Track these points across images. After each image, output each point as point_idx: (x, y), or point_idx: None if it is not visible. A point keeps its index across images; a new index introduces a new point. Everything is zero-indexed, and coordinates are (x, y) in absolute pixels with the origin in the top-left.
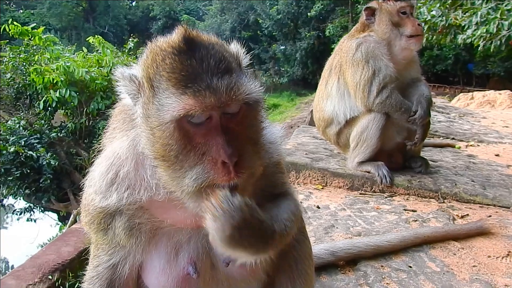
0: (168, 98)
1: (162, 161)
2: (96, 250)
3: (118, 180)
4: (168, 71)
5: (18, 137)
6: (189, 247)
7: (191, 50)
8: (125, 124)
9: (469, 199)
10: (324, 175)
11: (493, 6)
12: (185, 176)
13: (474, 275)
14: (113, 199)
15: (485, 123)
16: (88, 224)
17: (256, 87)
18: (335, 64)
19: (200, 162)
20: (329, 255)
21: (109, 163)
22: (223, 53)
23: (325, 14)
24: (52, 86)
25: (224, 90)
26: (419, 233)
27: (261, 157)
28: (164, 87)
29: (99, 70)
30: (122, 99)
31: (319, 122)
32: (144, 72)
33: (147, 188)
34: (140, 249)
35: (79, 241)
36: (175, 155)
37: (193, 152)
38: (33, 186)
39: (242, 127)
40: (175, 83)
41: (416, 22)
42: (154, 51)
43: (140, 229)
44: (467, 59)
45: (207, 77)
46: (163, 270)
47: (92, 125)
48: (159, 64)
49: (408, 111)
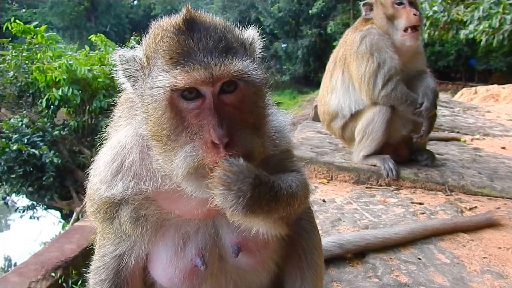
0: (160, 75)
1: (156, 141)
2: (102, 240)
3: (123, 170)
4: (164, 49)
5: (21, 135)
6: (197, 238)
7: (190, 30)
8: (130, 112)
9: (476, 191)
10: (329, 169)
11: (495, 1)
12: (176, 156)
13: (485, 267)
14: (118, 189)
15: (490, 116)
16: (94, 214)
17: (255, 68)
18: (339, 57)
19: (191, 141)
20: (337, 248)
21: (114, 152)
22: (225, 34)
23: (326, 11)
24: (54, 84)
25: (215, 64)
26: (427, 225)
27: (263, 145)
28: (159, 65)
29: (102, 68)
30: (125, 87)
31: (324, 116)
32: (144, 51)
33: (152, 178)
34: (146, 239)
35: (82, 238)
36: (167, 135)
37: (185, 132)
38: (36, 184)
39: (240, 111)
40: (168, 60)
41: (411, 12)
42: (155, 31)
43: (147, 219)
44: (469, 54)
45: (202, 54)
46: (170, 261)
47: (94, 123)
48: (158, 43)
49: (414, 103)
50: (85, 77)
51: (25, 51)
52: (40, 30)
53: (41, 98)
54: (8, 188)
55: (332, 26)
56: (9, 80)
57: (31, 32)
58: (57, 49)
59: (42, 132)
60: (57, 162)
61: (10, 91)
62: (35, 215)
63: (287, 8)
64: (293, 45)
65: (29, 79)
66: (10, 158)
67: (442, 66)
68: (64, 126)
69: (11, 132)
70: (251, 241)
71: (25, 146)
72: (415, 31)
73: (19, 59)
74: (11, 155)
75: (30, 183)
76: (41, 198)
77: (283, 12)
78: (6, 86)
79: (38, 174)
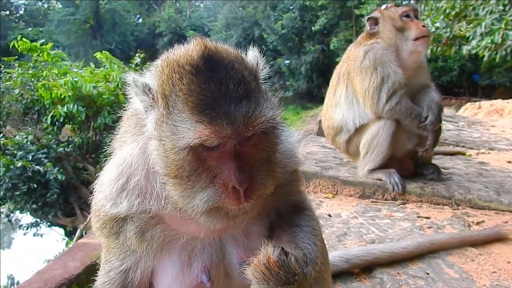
0: (184, 123)
1: (173, 179)
2: (107, 255)
3: (128, 188)
4: (185, 93)
5: (25, 151)
6: (203, 254)
7: (210, 70)
8: (136, 128)
9: (483, 205)
10: (334, 184)
11: (497, 17)
12: (195, 197)
13: (495, 281)
14: (123, 206)
15: (495, 131)
16: (99, 229)
17: (274, 111)
18: (343, 72)
19: (211, 185)
20: (344, 262)
21: (120, 170)
22: (243, 73)
23: (329, 28)
24: (59, 101)
25: (242, 120)
26: (435, 239)
27: (274, 176)
28: (180, 109)
29: (107, 85)
30: (133, 103)
31: (328, 130)
32: (159, 88)
33: (157, 198)
34: (152, 254)
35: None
36: (187, 176)
37: (205, 174)
38: (40, 201)
39: (256, 150)
40: (191, 107)
41: (420, 24)
42: (170, 66)
43: (152, 236)
44: (472, 70)
45: (225, 103)
46: (176, 277)
47: (99, 139)
48: (176, 82)
49: (419, 117)
50: (90, 94)
51: (31, 69)
52: (46, 48)
53: (46, 115)
54: (12, 206)
55: (335, 42)
56: (15, 98)
57: (37, 50)
58: (63, 66)
59: (47, 149)
60: (61, 178)
61: (16, 108)
62: (39, 232)
63: (290, 25)
64: (296, 61)
65: (34, 96)
66: (14, 175)
67: (445, 81)
68: (69, 142)
69: (16, 149)
70: None
71: (29, 163)
72: (426, 38)
73: (25, 77)
74: (16, 172)
75: (34, 200)
76: (45, 215)
77: (286, 29)
78: (12, 103)
79: (42, 191)
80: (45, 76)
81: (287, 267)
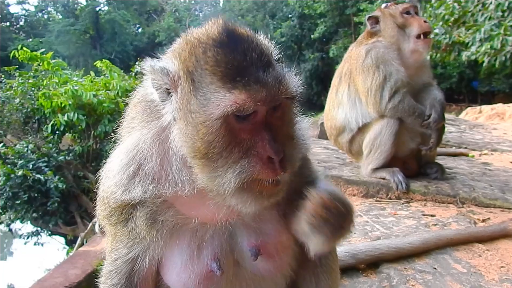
0: (216, 93)
1: (203, 159)
2: (114, 243)
3: (141, 173)
4: (211, 65)
5: (26, 160)
6: (213, 242)
7: (233, 42)
8: (146, 114)
9: (489, 203)
10: (337, 183)
11: (496, 23)
12: (227, 172)
13: (504, 275)
14: (137, 192)
15: (497, 133)
16: (107, 217)
17: (298, 80)
18: (345, 71)
19: (245, 157)
20: (350, 258)
21: (131, 156)
22: (263, 46)
23: (328, 35)
24: (60, 110)
25: (274, 83)
26: (441, 235)
27: (299, 153)
28: (208, 81)
29: (107, 93)
30: (142, 90)
31: (331, 130)
32: (181, 66)
33: (171, 183)
34: (161, 242)
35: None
36: (218, 152)
37: (237, 149)
38: (41, 210)
39: (282, 122)
40: (221, 77)
41: (422, 20)
42: (191, 44)
43: (163, 222)
44: (471, 76)
45: (254, 70)
46: (185, 266)
47: (99, 148)
48: (200, 57)
49: (422, 115)
50: (91, 102)
51: (31, 78)
52: (46, 57)
53: (47, 124)
54: (13, 215)
55: (334, 50)
56: (15, 107)
57: (38, 59)
58: (63, 75)
59: (47, 158)
60: (62, 187)
61: (16, 118)
62: (39, 241)
63: (289, 33)
64: (295, 69)
65: (35, 105)
66: (15, 184)
67: (445, 88)
68: (69, 151)
69: (17, 158)
70: (271, 245)
71: (30, 171)
72: (427, 38)
73: (25, 86)
74: (16, 181)
75: (34, 209)
76: (45, 224)
77: (285, 37)
78: (13, 112)
79: (42, 199)
80: (46, 85)
81: (343, 200)
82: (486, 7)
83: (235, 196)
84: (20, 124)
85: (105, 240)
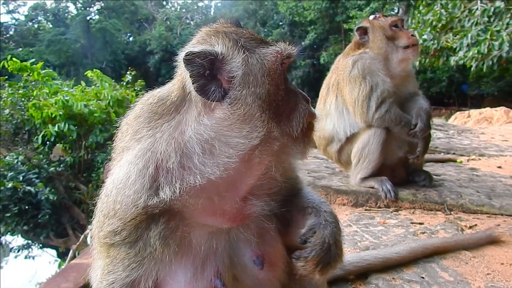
0: (268, 48)
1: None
2: (111, 266)
3: (163, 172)
4: (250, 36)
5: (16, 172)
6: (216, 258)
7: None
8: (152, 122)
9: (476, 209)
10: (327, 193)
11: (483, 28)
12: (294, 115)
13: (489, 283)
14: (166, 193)
15: (484, 138)
16: (110, 234)
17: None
18: (332, 82)
19: (299, 102)
20: (338, 269)
21: (147, 157)
22: None
23: (319, 42)
24: (50, 121)
25: (294, 43)
26: (428, 244)
27: None
28: (254, 45)
29: (98, 103)
30: (144, 100)
31: (320, 141)
32: (222, 44)
33: (197, 174)
34: (168, 260)
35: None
36: (282, 98)
37: (292, 94)
38: (32, 222)
39: None
40: (263, 41)
41: (409, 33)
42: (215, 30)
43: (173, 237)
44: (460, 80)
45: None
46: (188, 284)
47: (91, 158)
48: (237, 33)
49: (408, 124)
50: (81, 113)
51: (21, 89)
52: (36, 68)
53: (37, 134)
54: (3, 228)
55: (325, 56)
56: (5, 118)
57: (28, 69)
58: (53, 85)
59: (38, 169)
60: (53, 199)
61: (6, 129)
62: (31, 255)
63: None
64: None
65: (25, 116)
66: (5, 197)
67: (435, 92)
68: (60, 162)
69: (6, 170)
70: (272, 253)
71: (20, 183)
72: (415, 47)
73: (15, 97)
74: (6, 193)
75: (25, 222)
76: (36, 236)
77: None
78: (2, 123)
79: (33, 212)
80: (36, 95)
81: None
82: (472, 13)
83: (301, 135)
84: (10, 135)
85: (94, 262)
